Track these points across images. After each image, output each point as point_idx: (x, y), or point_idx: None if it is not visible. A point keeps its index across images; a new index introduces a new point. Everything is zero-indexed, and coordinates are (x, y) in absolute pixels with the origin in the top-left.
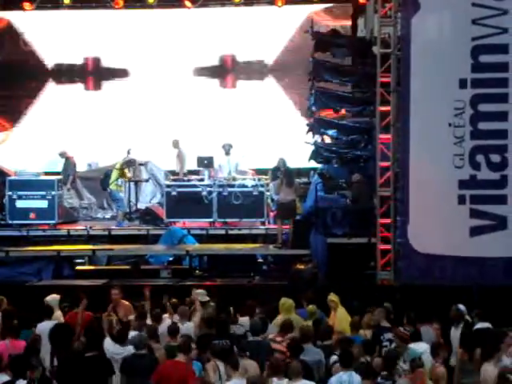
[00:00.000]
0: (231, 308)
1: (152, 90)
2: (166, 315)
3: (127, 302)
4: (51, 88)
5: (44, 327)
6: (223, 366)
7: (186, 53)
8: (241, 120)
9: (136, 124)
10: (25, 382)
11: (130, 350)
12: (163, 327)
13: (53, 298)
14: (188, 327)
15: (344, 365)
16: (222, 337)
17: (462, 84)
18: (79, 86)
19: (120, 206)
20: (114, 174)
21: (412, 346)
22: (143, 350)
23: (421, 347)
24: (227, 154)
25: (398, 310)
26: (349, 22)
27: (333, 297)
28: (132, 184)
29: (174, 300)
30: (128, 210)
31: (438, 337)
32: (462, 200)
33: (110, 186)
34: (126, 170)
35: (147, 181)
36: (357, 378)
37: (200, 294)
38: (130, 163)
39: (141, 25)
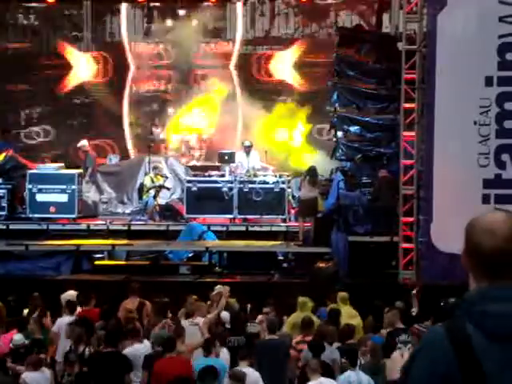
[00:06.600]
0: (249, 306)
1: (174, 84)
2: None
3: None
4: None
5: (64, 322)
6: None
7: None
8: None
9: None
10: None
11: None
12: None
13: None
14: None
15: (352, 364)
16: (237, 334)
17: (488, 82)
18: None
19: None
20: (147, 184)
21: None
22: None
23: None
24: (246, 152)
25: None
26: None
27: (338, 295)
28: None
29: (194, 296)
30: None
31: None
32: (486, 199)
33: (144, 196)
34: (154, 176)
35: (167, 177)
36: (365, 376)
37: (227, 290)
38: (155, 169)
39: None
